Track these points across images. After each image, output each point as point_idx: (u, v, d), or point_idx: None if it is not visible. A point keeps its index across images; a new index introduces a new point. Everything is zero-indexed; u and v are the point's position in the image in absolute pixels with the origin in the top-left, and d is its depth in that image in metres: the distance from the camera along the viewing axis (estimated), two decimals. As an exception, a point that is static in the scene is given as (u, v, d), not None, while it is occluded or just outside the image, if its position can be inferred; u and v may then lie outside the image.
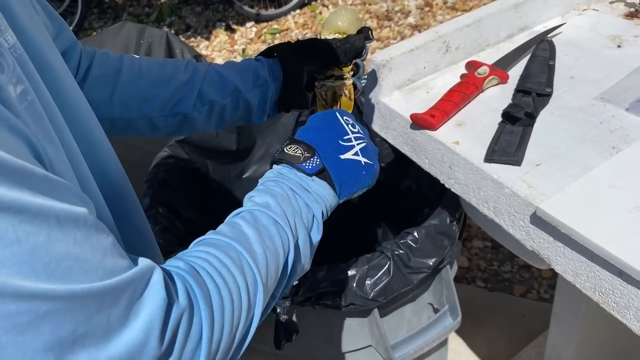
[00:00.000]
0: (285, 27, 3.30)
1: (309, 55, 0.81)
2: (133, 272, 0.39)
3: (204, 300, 0.44)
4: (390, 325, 1.00)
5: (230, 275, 0.48)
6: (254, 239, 0.52)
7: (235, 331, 0.47)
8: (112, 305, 0.37)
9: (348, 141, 0.66)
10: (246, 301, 0.48)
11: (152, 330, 0.38)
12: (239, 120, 0.83)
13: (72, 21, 3.51)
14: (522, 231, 0.72)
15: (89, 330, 0.36)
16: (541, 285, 1.75)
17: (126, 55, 0.79)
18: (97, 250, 0.37)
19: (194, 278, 0.45)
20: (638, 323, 0.61)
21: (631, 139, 0.74)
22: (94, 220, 0.39)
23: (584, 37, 0.98)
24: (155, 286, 0.40)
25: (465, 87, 0.86)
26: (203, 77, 0.79)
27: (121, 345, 0.37)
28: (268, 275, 0.52)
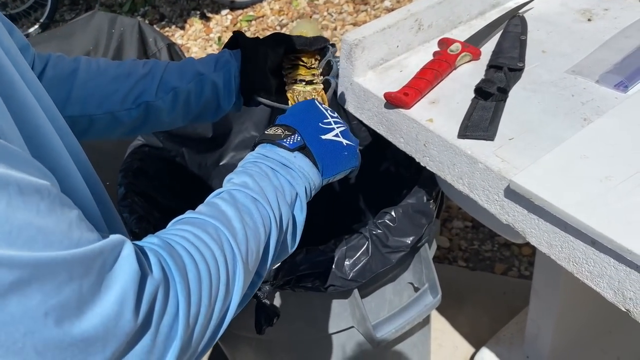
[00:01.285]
0: (260, 14, 3.26)
1: (270, 40, 0.83)
2: (102, 243, 0.38)
3: (179, 273, 0.43)
4: (372, 305, 1.00)
5: (208, 250, 0.47)
6: (232, 216, 0.52)
7: (213, 306, 0.46)
8: (83, 276, 0.36)
9: (328, 124, 0.67)
10: (225, 276, 0.47)
11: (126, 302, 0.37)
12: (208, 107, 0.82)
13: (43, 13, 3.44)
14: (496, 205, 0.72)
15: (62, 301, 0.34)
16: (522, 263, 1.77)
17: (82, 56, 0.79)
18: (62, 221, 0.36)
19: (169, 252, 0.45)
20: (611, 291, 0.61)
21: (602, 110, 0.75)
22: (58, 192, 0.38)
23: (554, 11, 0.98)
24: (127, 258, 0.39)
25: (438, 64, 0.86)
26: (164, 68, 0.79)
27: (95, 319, 0.36)
28: (248, 252, 0.51)
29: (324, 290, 0.89)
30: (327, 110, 0.69)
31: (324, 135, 0.65)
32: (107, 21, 1.69)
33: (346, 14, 3.10)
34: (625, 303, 0.60)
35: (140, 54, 1.70)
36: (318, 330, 1.01)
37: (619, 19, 0.92)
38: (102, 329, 0.36)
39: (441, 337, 1.59)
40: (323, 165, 0.63)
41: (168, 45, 1.76)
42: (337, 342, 1.06)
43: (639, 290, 0.58)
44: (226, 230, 0.50)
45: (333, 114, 0.69)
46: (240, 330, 1.04)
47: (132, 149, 1.14)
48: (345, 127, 0.68)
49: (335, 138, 0.66)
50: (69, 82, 0.75)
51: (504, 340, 1.44)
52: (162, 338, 0.40)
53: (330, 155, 0.64)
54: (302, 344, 1.07)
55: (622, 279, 0.59)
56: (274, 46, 0.82)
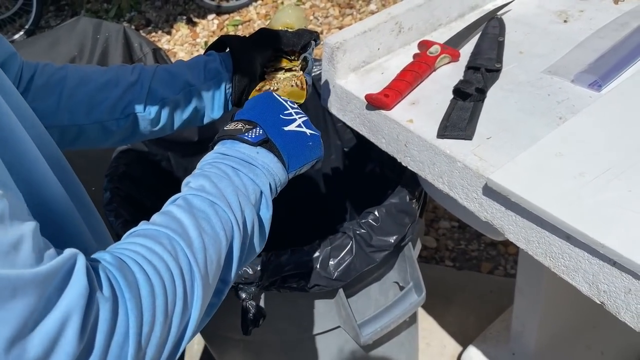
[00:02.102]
0: (247, 19, 3.28)
1: (259, 42, 0.81)
2: (51, 264, 0.37)
3: (130, 291, 0.41)
4: (358, 305, 1.01)
5: (162, 263, 0.45)
6: (188, 223, 0.49)
7: (170, 322, 0.44)
8: (28, 294, 0.35)
9: (289, 115, 0.64)
10: (181, 289, 0.46)
11: (69, 322, 0.36)
12: (197, 117, 0.82)
13: (28, 20, 3.43)
14: (475, 203, 0.73)
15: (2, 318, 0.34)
16: (508, 262, 1.79)
17: (70, 65, 0.78)
18: (10, 233, 0.35)
19: (119, 269, 0.43)
20: (586, 284, 0.63)
21: (577, 109, 0.77)
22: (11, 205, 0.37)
23: (532, 13, 1.00)
24: (76, 274, 0.38)
25: (417, 66, 0.87)
26: (152, 76, 0.78)
27: (35, 339, 0.35)
28: (207, 260, 0.49)
29: (309, 290, 0.90)
30: (286, 101, 0.66)
31: (286, 127, 0.62)
32: (92, 27, 1.69)
33: (332, 17, 3.13)
34: (600, 296, 0.62)
35: (126, 59, 1.70)
36: (305, 331, 1.02)
37: (594, 20, 0.94)
38: (42, 350, 0.35)
39: (429, 336, 1.60)
40: (288, 158, 0.61)
41: (154, 50, 1.76)
42: (325, 343, 1.07)
43: (612, 282, 0.59)
44: (181, 240, 0.48)
45: (293, 104, 0.66)
46: (227, 332, 1.05)
47: (118, 154, 1.14)
48: (306, 117, 0.65)
49: (298, 129, 0.63)
50: (57, 90, 0.74)
51: (490, 338, 1.46)
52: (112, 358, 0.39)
53: (294, 146, 0.62)
54: (289, 345, 1.08)
55: (595, 272, 0.61)
56: (262, 49, 0.80)
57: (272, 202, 0.59)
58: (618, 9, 0.96)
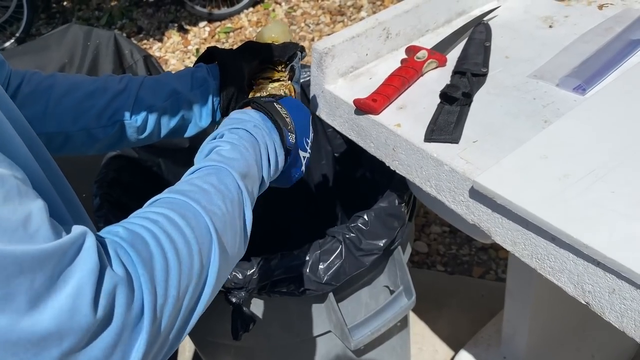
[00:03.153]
0: (238, 26, 3.29)
1: (246, 52, 0.83)
2: (60, 241, 0.38)
3: (143, 266, 0.42)
4: (348, 309, 1.01)
5: (181, 236, 0.46)
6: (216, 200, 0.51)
7: (183, 296, 0.45)
8: (36, 271, 0.35)
9: (307, 144, 0.72)
10: (198, 263, 0.46)
11: (81, 297, 0.37)
12: (184, 126, 0.83)
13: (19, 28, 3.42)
14: (462, 206, 0.74)
15: (9, 293, 0.34)
16: (499, 266, 1.80)
17: (58, 73, 0.79)
18: (18, 211, 0.36)
19: (131, 243, 0.44)
20: (571, 285, 0.64)
21: (561, 112, 0.78)
22: (19, 183, 0.38)
23: (518, 19, 1.01)
24: (86, 251, 0.39)
25: (405, 71, 0.88)
26: (139, 85, 0.79)
27: (48, 313, 0.36)
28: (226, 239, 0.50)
29: (299, 294, 0.90)
30: (312, 132, 0.74)
31: (301, 152, 0.71)
32: (83, 34, 1.69)
33: (323, 24, 3.14)
34: (585, 296, 0.62)
35: (117, 67, 1.70)
36: (295, 336, 1.02)
37: (579, 25, 0.96)
38: (56, 324, 0.36)
39: (421, 340, 1.60)
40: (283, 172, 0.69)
41: (144, 57, 1.76)
42: (315, 347, 1.07)
43: (596, 283, 0.60)
44: (206, 216, 0.49)
45: (312, 135, 0.74)
46: (217, 337, 1.04)
47: (107, 160, 1.14)
48: (310, 155, 0.74)
49: (302, 159, 0.72)
50: (45, 98, 0.74)
51: (482, 342, 1.46)
52: (127, 333, 0.40)
53: (290, 169, 0.70)
54: (280, 350, 1.08)
55: (580, 273, 0.61)
56: (249, 59, 0.83)
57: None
58: (602, 15, 0.97)
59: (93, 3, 3.73)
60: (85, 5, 3.73)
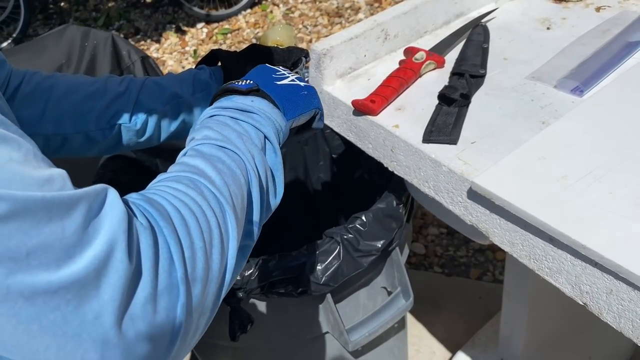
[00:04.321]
0: (236, 27, 3.29)
1: (250, 56, 0.82)
2: (85, 189, 0.38)
3: (163, 219, 0.42)
4: (346, 310, 1.01)
5: (189, 198, 0.46)
6: (204, 166, 0.50)
7: (210, 252, 0.44)
8: (64, 218, 0.35)
9: (281, 75, 0.66)
10: (214, 219, 0.46)
11: (116, 244, 0.36)
12: (184, 130, 0.82)
13: (16, 28, 3.41)
14: (460, 207, 0.74)
15: (43, 242, 0.33)
16: (496, 268, 1.80)
17: (57, 73, 0.78)
18: (40, 171, 0.36)
19: (149, 203, 0.44)
20: (569, 285, 0.64)
21: (559, 113, 0.78)
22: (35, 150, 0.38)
23: (515, 20, 1.01)
24: (113, 202, 0.38)
25: (403, 72, 0.88)
26: (140, 87, 0.78)
27: (84, 261, 0.35)
28: (232, 195, 0.50)
29: (296, 295, 0.90)
30: (276, 66, 0.68)
31: (279, 82, 0.64)
32: (80, 34, 1.69)
33: (321, 26, 3.15)
34: (582, 297, 0.62)
35: (114, 67, 1.70)
36: (293, 337, 1.02)
37: (576, 27, 0.96)
38: (93, 271, 0.35)
39: (418, 342, 1.60)
40: (283, 105, 0.62)
41: (142, 58, 1.76)
42: (314, 348, 1.07)
43: (594, 284, 0.60)
44: (203, 179, 0.49)
45: (286, 70, 0.68)
46: (215, 338, 1.04)
47: (105, 161, 1.14)
48: (298, 75, 0.68)
49: (291, 82, 0.65)
50: (44, 99, 0.74)
51: (479, 343, 1.46)
52: (163, 286, 0.39)
53: (289, 95, 0.63)
54: (277, 351, 1.08)
55: (578, 274, 0.61)
56: (253, 63, 0.79)
57: None
58: (600, 17, 0.98)
59: (90, 4, 3.72)
60: (83, 6, 3.72)
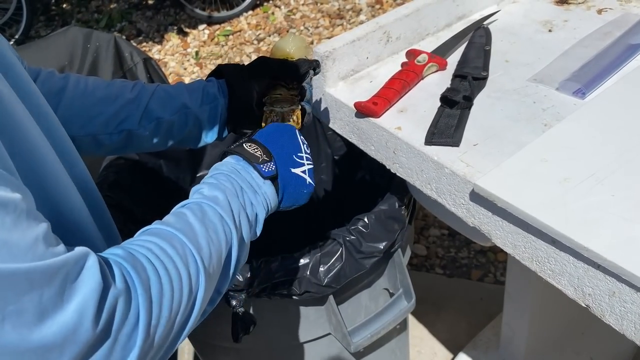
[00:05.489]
0: (238, 29, 3.29)
1: (257, 71, 0.83)
2: (65, 256, 0.40)
3: (142, 285, 0.45)
4: (348, 312, 1.01)
5: (172, 263, 0.49)
6: (199, 231, 0.53)
7: (174, 318, 0.48)
8: (44, 286, 0.37)
9: (300, 159, 0.69)
10: (187, 289, 0.49)
11: (85, 313, 0.39)
12: (190, 139, 0.84)
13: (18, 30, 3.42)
14: (463, 209, 0.74)
15: (20, 309, 0.36)
16: (497, 269, 1.80)
17: (72, 74, 0.79)
18: (27, 235, 0.38)
19: (132, 264, 0.46)
20: (572, 287, 0.64)
21: (561, 115, 0.78)
22: (27, 207, 0.39)
23: (517, 23, 1.02)
24: (90, 269, 0.41)
25: (405, 74, 0.89)
26: (150, 95, 0.79)
27: (54, 327, 0.37)
28: (211, 267, 0.53)
29: (299, 297, 0.90)
30: (304, 143, 0.71)
31: (294, 169, 0.68)
32: (82, 36, 1.69)
33: (322, 28, 3.15)
34: (585, 299, 0.62)
35: (117, 69, 1.70)
36: (295, 338, 1.02)
37: (578, 29, 0.96)
38: (61, 337, 0.38)
39: (420, 343, 1.60)
40: (283, 196, 0.67)
41: (144, 59, 1.76)
42: (315, 350, 1.07)
43: (596, 286, 0.60)
44: (192, 246, 0.52)
45: (307, 149, 0.71)
46: (217, 340, 1.05)
47: (108, 162, 1.14)
48: (312, 165, 0.71)
49: (302, 174, 0.68)
50: (56, 100, 0.75)
51: (480, 344, 1.46)
52: (121, 346, 0.42)
53: (293, 189, 0.67)
54: (279, 352, 1.08)
55: (580, 276, 0.62)
56: (260, 77, 0.82)
57: None
58: (601, 19, 0.98)
59: (92, 5, 3.73)
60: (85, 7, 3.73)
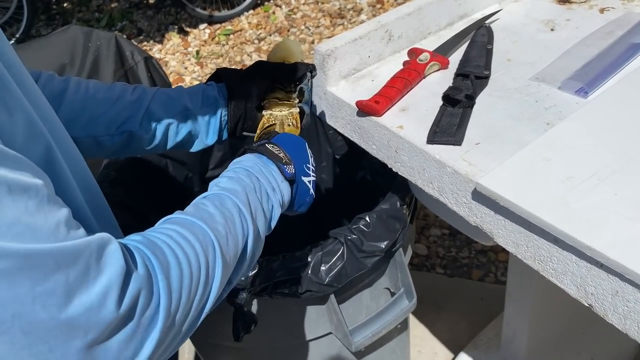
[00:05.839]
0: (238, 28, 3.29)
1: (255, 74, 0.85)
2: (88, 239, 0.41)
3: (162, 271, 0.46)
4: (349, 311, 1.01)
5: (192, 249, 0.51)
6: (219, 220, 0.56)
7: (191, 304, 0.49)
8: (70, 266, 0.39)
9: (309, 169, 0.74)
10: (204, 277, 0.51)
11: (109, 295, 0.40)
12: (190, 141, 0.85)
13: (19, 29, 3.42)
14: (465, 208, 0.74)
15: (48, 289, 0.37)
16: (498, 269, 1.80)
17: (72, 77, 0.80)
18: (49, 219, 0.39)
19: (152, 251, 0.47)
20: (574, 287, 0.64)
21: (564, 115, 0.78)
22: (48, 192, 0.40)
23: (519, 22, 1.02)
24: (113, 253, 0.42)
25: (407, 73, 0.88)
26: (151, 97, 0.81)
27: (80, 306, 0.39)
28: (228, 257, 0.55)
29: (300, 296, 0.90)
30: (311, 156, 0.76)
31: (304, 178, 0.72)
32: (83, 35, 1.69)
33: (323, 27, 3.15)
34: (588, 298, 0.62)
35: (118, 68, 1.70)
36: (296, 337, 1.02)
37: (580, 28, 0.96)
38: (85, 317, 0.39)
39: (420, 343, 1.60)
40: (292, 201, 0.71)
41: (145, 58, 1.76)
42: (316, 349, 1.07)
43: (599, 285, 0.60)
44: (212, 234, 0.53)
45: (313, 162, 0.76)
46: (218, 339, 1.04)
47: (108, 160, 1.14)
48: (315, 178, 0.75)
49: (308, 184, 0.73)
50: (57, 102, 0.75)
51: (481, 344, 1.46)
52: (143, 329, 0.43)
53: (300, 196, 0.71)
54: (280, 352, 1.08)
55: (583, 275, 0.61)
56: (258, 80, 0.84)
57: None
58: (604, 18, 0.98)
59: (93, 5, 3.73)
60: (85, 6, 3.73)
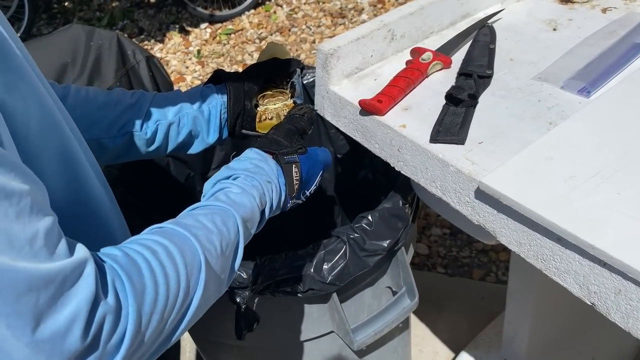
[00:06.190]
0: (239, 28, 3.29)
1: (251, 73, 0.88)
2: (64, 263, 0.40)
3: (134, 295, 0.44)
4: (351, 310, 1.01)
5: (174, 270, 0.49)
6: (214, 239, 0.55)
7: (165, 323, 0.48)
8: (41, 289, 0.37)
9: (304, 194, 0.78)
10: (182, 297, 0.49)
11: (76, 322, 0.39)
12: (191, 141, 0.86)
13: (20, 28, 3.41)
14: (468, 207, 0.74)
15: (18, 310, 0.36)
16: (499, 268, 1.80)
17: (72, 84, 0.81)
18: (27, 229, 0.38)
19: (127, 272, 0.46)
20: (577, 285, 0.64)
21: (566, 114, 0.78)
22: (34, 200, 0.39)
23: (522, 22, 1.02)
24: (86, 279, 0.41)
25: (410, 72, 0.89)
26: (150, 100, 0.83)
27: (46, 332, 0.38)
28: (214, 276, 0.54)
29: (303, 294, 0.90)
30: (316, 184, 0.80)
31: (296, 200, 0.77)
32: (85, 34, 1.69)
33: (324, 27, 3.15)
34: (590, 297, 0.62)
35: (119, 67, 1.70)
36: (298, 336, 1.02)
37: (582, 28, 0.96)
38: (49, 344, 0.38)
39: (421, 342, 1.60)
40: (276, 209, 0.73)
41: (147, 57, 1.77)
42: (318, 348, 1.07)
43: (602, 284, 0.60)
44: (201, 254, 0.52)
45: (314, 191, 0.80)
46: (220, 337, 1.05)
47: (111, 159, 1.14)
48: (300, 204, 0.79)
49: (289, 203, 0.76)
50: None
51: (482, 344, 1.46)
52: (107, 356, 0.42)
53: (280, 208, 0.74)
54: (283, 350, 1.08)
55: (586, 274, 0.62)
56: (254, 79, 0.87)
57: None
58: (606, 18, 0.98)
59: (94, 4, 3.73)
60: (87, 6, 3.73)
